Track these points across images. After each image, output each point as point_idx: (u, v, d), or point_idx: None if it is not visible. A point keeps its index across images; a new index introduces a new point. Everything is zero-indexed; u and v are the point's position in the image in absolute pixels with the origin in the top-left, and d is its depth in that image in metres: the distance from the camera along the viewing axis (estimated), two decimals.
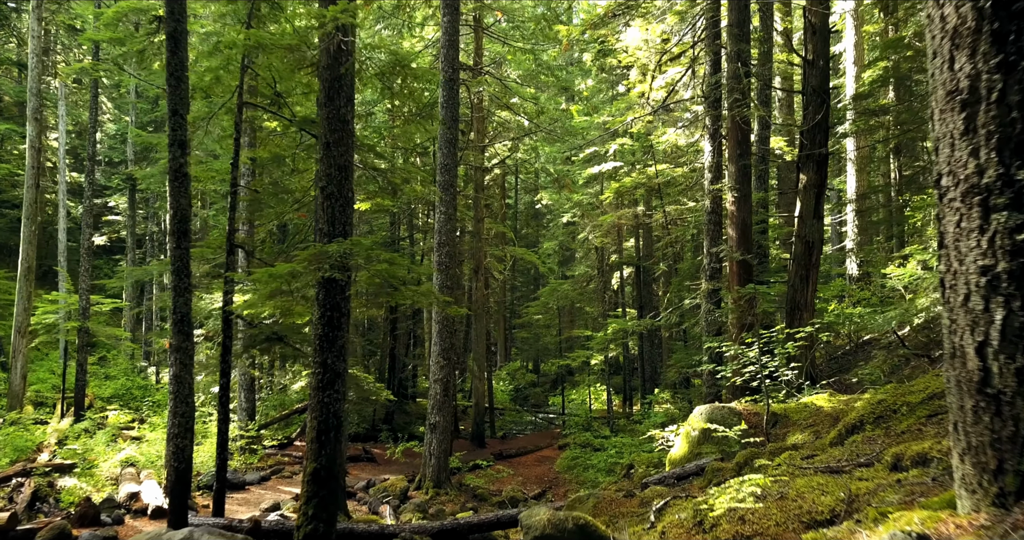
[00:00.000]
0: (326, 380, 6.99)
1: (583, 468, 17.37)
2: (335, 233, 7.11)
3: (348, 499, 13.83)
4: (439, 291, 14.66)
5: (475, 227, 22.25)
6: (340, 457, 6.98)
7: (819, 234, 12.57)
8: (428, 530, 8.27)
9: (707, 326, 13.10)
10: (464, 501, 14.40)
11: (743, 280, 12.84)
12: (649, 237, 27.63)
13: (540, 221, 44.00)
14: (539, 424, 29.12)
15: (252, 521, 8.04)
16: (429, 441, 14.59)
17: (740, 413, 8.64)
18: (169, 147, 8.56)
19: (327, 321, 7.06)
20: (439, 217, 14.90)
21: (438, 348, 14.69)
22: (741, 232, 12.98)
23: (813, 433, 7.59)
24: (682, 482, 7.92)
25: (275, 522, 8.76)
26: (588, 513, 7.20)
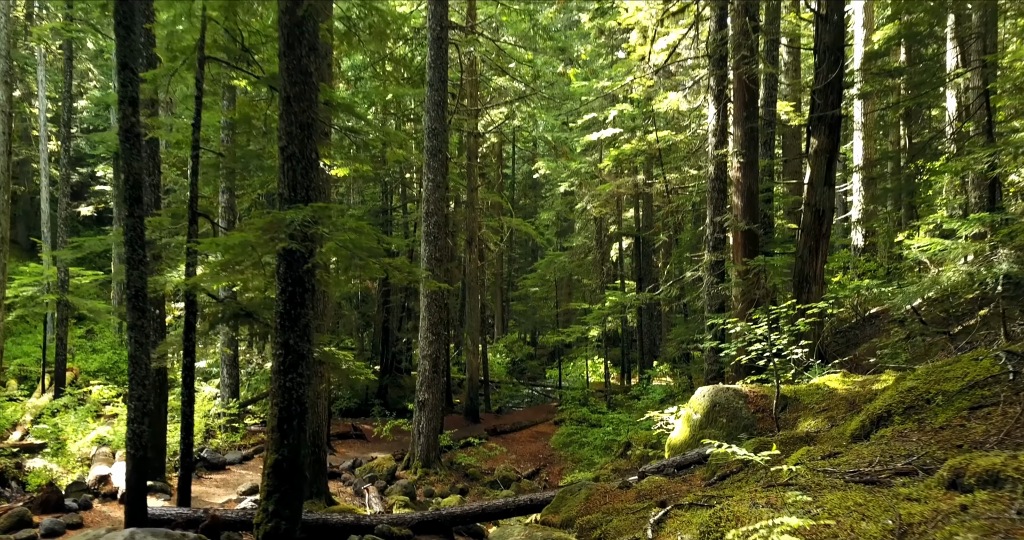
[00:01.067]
0: (288, 362, 6.29)
1: (579, 445, 16.83)
2: (297, 199, 6.35)
3: (333, 480, 13.26)
4: (428, 263, 13.94)
5: (468, 197, 21.44)
6: (304, 446, 6.32)
7: (830, 202, 11.79)
8: (408, 521, 7.64)
9: (709, 300, 12.40)
10: (454, 481, 13.84)
11: (748, 251, 12.10)
12: (649, 207, 26.81)
13: (538, 191, 43.10)
14: (536, 397, 28.62)
15: (211, 517, 7.39)
16: (418, 419, 13.99)
17: (746, 396, 7.97)
18: (119, 105, 7.73)
19: (289, 297, 6.34)
20: (427, 185, 14.10)
21: (427, 322, 14.00)
22: (747, 200, 12.21)
23: (827, 419, 6.92)
24: (683, 471, 7.27)
25: (241, 512, 8.14)
26: (579, 508, 6.56)
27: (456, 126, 19.15)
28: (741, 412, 7.75)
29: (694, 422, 8.14)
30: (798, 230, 12.72)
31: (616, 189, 22.77)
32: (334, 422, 19.83)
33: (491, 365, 31.80)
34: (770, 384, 8.31)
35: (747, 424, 7.66)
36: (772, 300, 12.09)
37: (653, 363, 28.43)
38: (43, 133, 28.25)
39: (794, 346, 8.61)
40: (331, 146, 10.42)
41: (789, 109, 19.50)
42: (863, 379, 7.93)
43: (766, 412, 7.73)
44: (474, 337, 21.58)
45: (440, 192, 14.09)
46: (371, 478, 13.06)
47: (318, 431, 10.91)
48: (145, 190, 12.17)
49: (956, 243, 7.28)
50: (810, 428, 6.85)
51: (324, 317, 10.99)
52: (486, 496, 13.41)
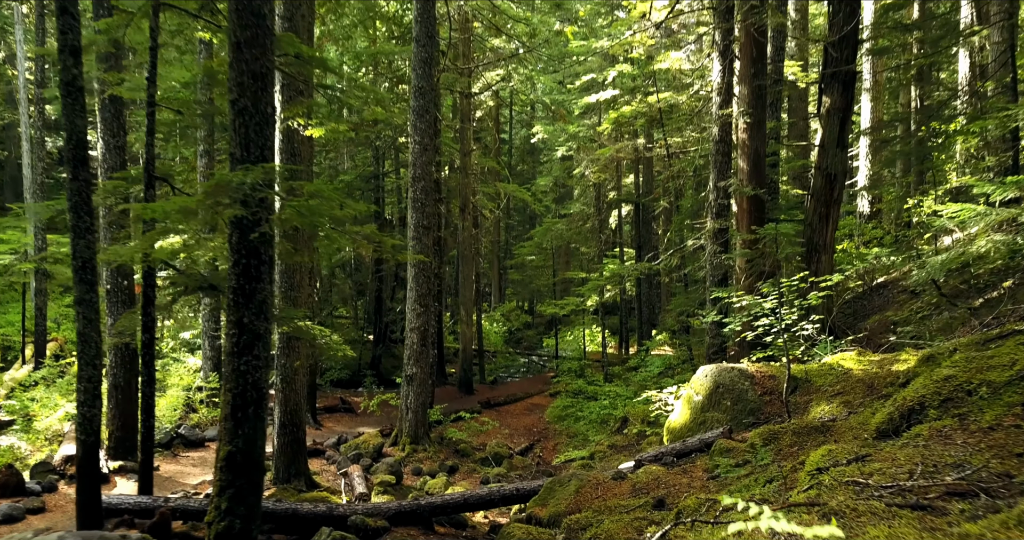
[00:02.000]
0: (243, 343, 5.60)
1: (574, 419, 16.29)
2: (250, 159, 5.60)
3: (317, 457, 12.72)
4: (415, 231, 13.21)
5: (462, 161, 20.59)
6: (262, 437, 5.67)
7: (842, 165, 11.03)
8: (384, 512, 7.04)
9: (712, 270, 11.70)
10: (443, 458, 13.30)
11: (754, 218, 11.36)
12: (650, 172, 25.97)
13: (536, 157, 42.12)
14: (532, 366, 28.11)
15: (160, 514, 6.77)
16: (406, 394, 13.39)
17: (752, 376, 7.31)
18: (59, 55, 6.94)
19: (243, 270, 5.62)
20: (414, 147, 13.28)
21: (415, 294, 13.32)
22: (753, 163, 11.43)
23: (843, 404, 6.26)
24: (683, 460, 6.64)
25: (206, 502, 7.53)
26: (568, 502, 5.94)
27: (446, 85, 18.23)
28: (747, 394, 7.10)
29: (695, 404, 7.50)
30: (807, 196, 11.97)
31: (615, 153, 21.91)
32: (323, 394, 19.30)
33: (487, 334, 31.25)
34: (778, 363, 7.65)
35: (753, 408, 7.02)
36: (776, 271, 11.40)
37: (652, 332, 27.86)
38: (23, 96, 27.25)
39: (804, 322, 7.94)
40: (305, 105, 9.62)
41: (796, 69, 18.57)
42: (880, 358, 7.27)
43: (774, 395, 7.08)
44: (468, 307, 20.94)
45: (428, 155, 13.29)
46: (356, 456, 12.51)
47: (296, 409, 10.31)
48: (111, 152, 11.45)
49: (990, 209, 6.56)
50: (824, 415, 6.20)
51: (301, 289, 10.30)
52: (476, 474, 12.88)
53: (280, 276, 10.26)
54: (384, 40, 22.03)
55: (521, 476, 12.92)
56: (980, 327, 7.75)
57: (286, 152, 10.15)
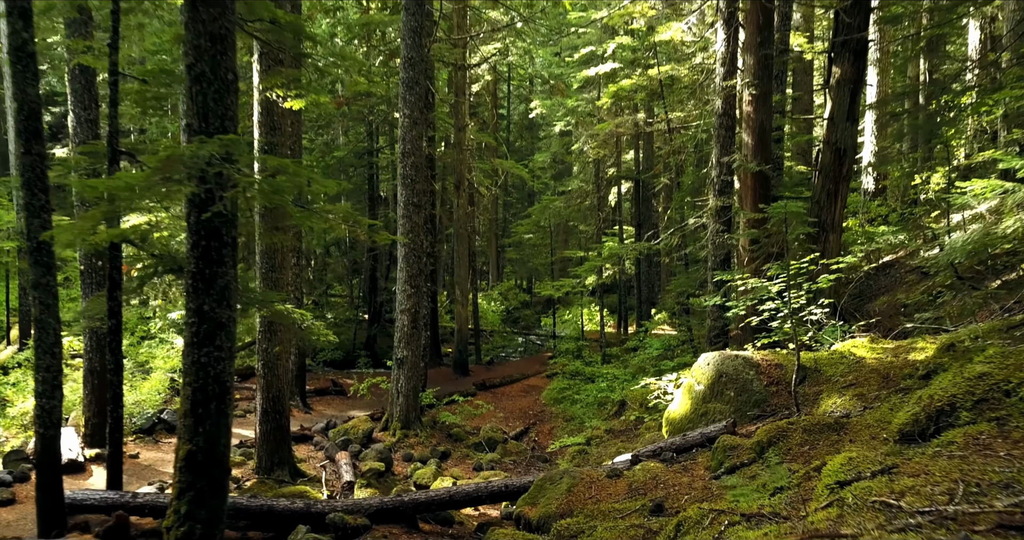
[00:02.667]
0: (203, 333, 5.12)
1: (571, 402, 15.88)
2: (209, 131, 5.08)
3: (304, 443, 12.33)
4: (405, 209, 12.69)
5: (456, 136, 19.98)
6: (226, 434, 5.22)
7: (852, 140, 10.49)
8: (365, 509, 6.62)
9: (714, 250, 11.21)
10: (435, 443, 12.91)
11: (759, 196, 10.84)
12: (650, 148, 25.34)
13: (534, 132, 41.40)
14: (530, 347, 27.73)
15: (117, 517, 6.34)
16: (397, 377, 12.96)
17: (757, 365, 6.85)
18: (7, 17, 6.38)
19: (202, 254, 5.13)
20: (403, 121, 12.71)
21: (405, 274, 12.83)
22: (759, 138, 10.87)
23: (856, 397, 5.80)
24: (683, 456, 6.19)
25: None
26: (559, 502, 5.50)
27: (438, 56, 17.56)
28: (752, 385, 6.64)
29: (696, 394, 7.05)
30: (814, 172, 11.44)
31: (615, 128, 21.27)
32: (315, 376, 18.90)
33: (485, 313, 30.82)
34: (785, 350, 7.19)
35: (758, 399, 6.56)
36: (783, 252, 10.90)
37: (651, 311, 27.42)
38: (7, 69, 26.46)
39: (813, 306, 7.47)
40: (284, 75, 9.05)
41: (802, 40, 17.90)
42: (895, 346, 6.79)
43: (781, 385, 6.62)
44: (463, 287, 20.46)
45: (418, 129, 12.72)
46: (345, 442, 12.11)
47: (279, 396, 9.87)
48: (82, 126, 10.88)
49: (1019, 186, 6.05)
50: (836, 408, 5.74)
51: (284, 270, 9.82)
52: (469, 459, 12.50)
53: (261, 257, 9.77)
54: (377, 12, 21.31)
55: (515, 462, 12.55)
56: (1000, 312, 7.28)
57: (266, 125, 9.61)
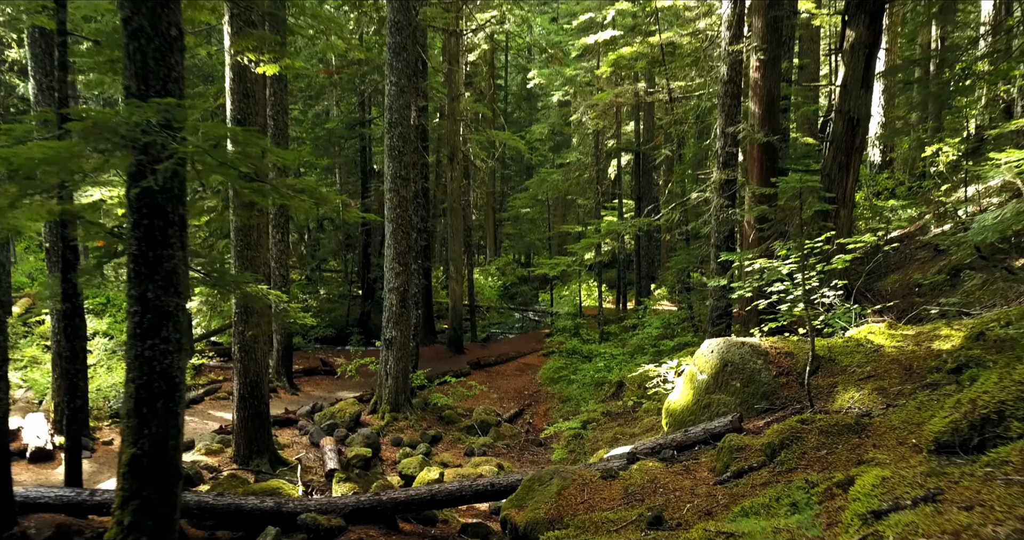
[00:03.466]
0: (148, 323, 4.56)
1: (567, 382, 15.41)
2: (149, 94, 4.46)
3: (288, 427, 11.86)
4: (392, 182, 12.06)
5: (449, 106, 19.24)
6: (178, 435, 4.68)
7: (866, 108, 9.84)
8: (340, 508, 6.12)
9: (717, 226, 10.60)
10: (426, 427, 12.44)
11: (766, 168, 10.22)
12: (651, 119, 24.60)
13: (533, 103, 40.52)
14: (527, 323, 27.24)
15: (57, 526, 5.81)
16: (385, 358, 12.45)
17: (765, 353, 6.30)
18: None
19: (145, 234, 4.54)
20: (390, 89, 12.02)
21: (392, 251, 12.24)
22: (767, 106, 10.22)
23: (877, 390, 5.26)
24: (685, 454, 5.67)
25: None
26: (548, 506, 4.98)
27: (429, 21, 16.77)
28: (760, 375, 6.10)
29: (699, 384, 6.51)
30: (824, 143, 10.80)
31: (614, 98, 20.52)
32: (304, 355, 18.42)
33: (482, 289, 30.30)
34: (796, 337, 6.64)
35: (767, 391, 6.02)
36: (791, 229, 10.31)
37: (651, 287, 26.89)
38: None
39: (825, 288, 6.91)
40: (255, 38, 8.37)
41: (810, 4, 17.11)
42: (916, 332, 6.24)
43: (791, 375, 6.08)
44: (457, 263, 19.88)
45: (406, 98, 12.03)
46: (331, 426, 11.63)
47: (256, 381, 9.35)
48: (43, 93, 10.21)
49: None
50: (854, 404, 5.20)
51: (259, 248, 9.23)
52: (461, 444, 12.04)
53: (235, 234, 9.18)
54: None
55: (508, 446, 12.10)
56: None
57: (238, 93, 8.95)
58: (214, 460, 9.35)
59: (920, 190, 19.28)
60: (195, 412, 12.32)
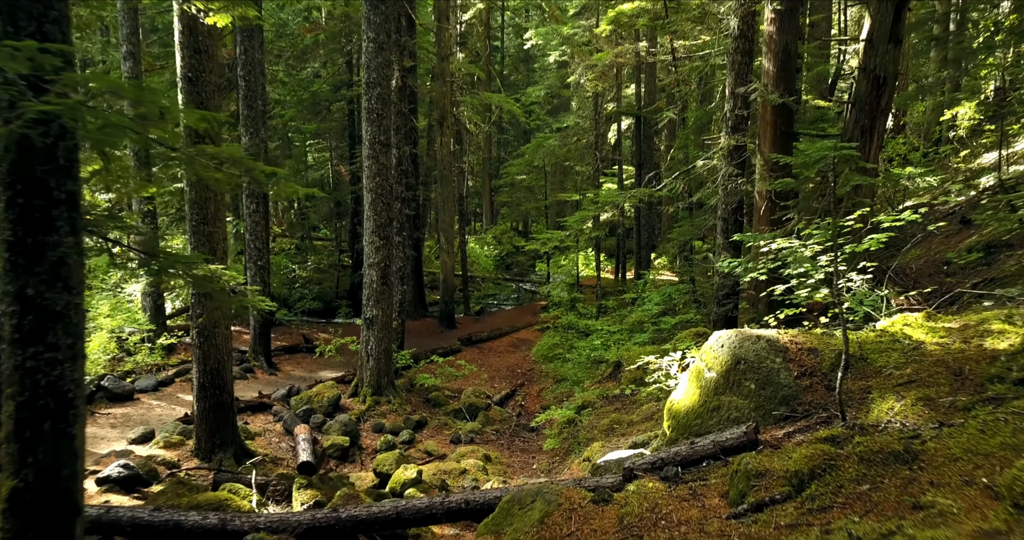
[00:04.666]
0: (28, 327, 3.67)
1: (562, 360, 14.62)
2: (19, 37, 3.51)
3: (262, 412, 11.08)
4: (371, 147, 11.07)
5: (439, 67, 18.10)
6: (71, 462, 3.84)
7: (894, 66, 8.82)
8: (292, 526, 5.33)
9: (725, 197, 9.67)
10: (410, 411, 11.66)
11: (780, 133, 9.24)
12: (652, 82, 23.43)
13: (530, 66, 39.13)
14: (523, 295, 26.39)
15: None
16: (366, 339, 11.61)
17: (784, 349, 5.43)
18: None
19: (21, 216, 3.63)
20: (367, 47, 10.96)
21: (372, 224, 11.32)
22: (782, 63, 9.19)
23: (922, 402, 4.39)
24: (690, 471, 4.83)
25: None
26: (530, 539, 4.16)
27: None
28: (778, 375, 5.24)
29: (707, 383, 5.66)
30: (846, 105, 9.80)
31: (614, 59, 19.33)
32: (287, 330, 17.61)
33: (477, 258, 29.40)
34: (819, 330, 5.76)
35: (787, 395, 5.17)
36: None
37: (651, 256, 26.00)
38: None
39: (853, 271, 6.01)
40: None
41: None
42: (961, 325, 5.36)
43: (816, 377, 5.22)
44: (448, 234, 18.94)
45: (384, 56, 10.98)
46: (307, 412, 10.84)
47: (218, 368, 8.52)
48: None
49: None
50: (895, 418, 4.34)
51: (217, 222, 8.30)
52: (447, 429, 11.28)
53: (190, 207, 8.26)
54: None
55: (498, 432, 11.33)
56: None
57: (188, 47, 7.94)
58: (173, 454, 8.56)
59: (937, 156, 18.27)
60: (164, 396, 11.52)
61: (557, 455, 9.92)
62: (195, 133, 8.11)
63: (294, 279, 23.43)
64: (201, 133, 8.14)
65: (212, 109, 8.15)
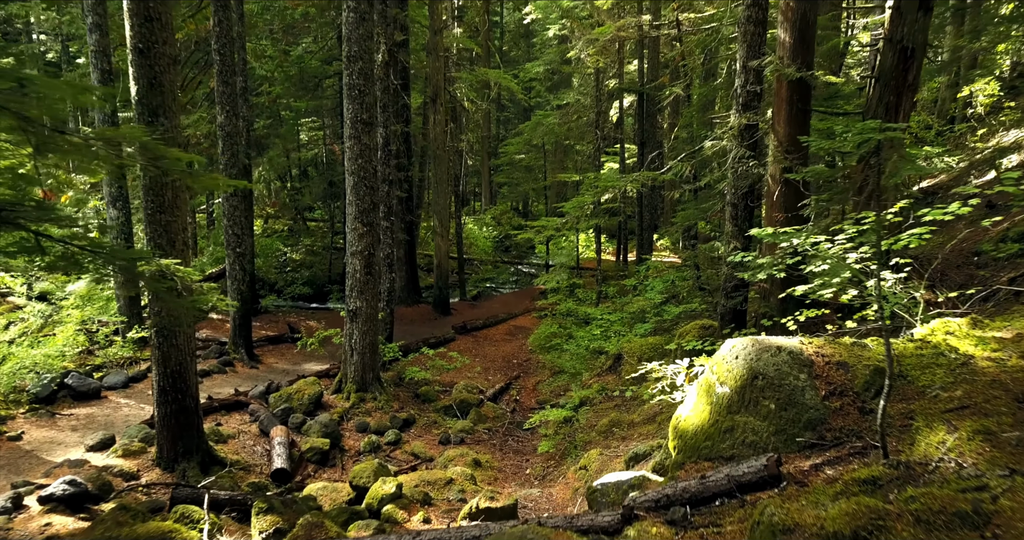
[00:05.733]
0: None
1: (560, 350, 13.90)
2: None
3: (237, 412, 10.38)
4: (352, 126, 10.26)
5: (431, 41, 17.17)
6: None
7: (923, 36, 7.98)
8: None
9: (735, 180, 8.86)
10: (397, 408, 10.98)
11: (797, 111, 8.42)
12: (656, 58, 22.48)
13: (530, 41, 37.99)
14: (521, 278, 25.67)
15: None
16: (350, 332, 10.89)
17: (809, 363, 4.68)
18: None
19: None
20: (347, 17, 10.11)
21: (354, 209, 10.55)
22: (800, 34, 8.34)
23: (979, 433, 3.64)
24: (698, 511, 4.11)
25: None
26: None
27: None
28: (803, 395, 4.51)
29: (719, 399, 4.92)
30: (869, 80, 8.97)
31: (616, 32, 18.39)
32: (273, 318, 16.89)
33: (476, 239, 28.63)
34: (849, 339, 5.00)
35: (814, 419, 4.43)
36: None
37: (653, 236, 25.21)
38: None
39: (886, 269, 5.27)
40: None
41: None
42: (1014, 335, 4.61)
43: (847, 397, 4.47)
44: (442, 217, 18.14)
45: (367, 27, 10.13)
46: (286, 411, 10.16)
47: (180, 370, 7.79)
48: None
49: None
50: (946, 454, 3.60)
51: (176, 211, 7.53)
52: (436, 428, 10.61)
53: (145, 193, 7.48)
54: None
55: (491, 431, 10.65)
56: None
57: (138, 14, 7.10)
58: (132, 464, 7.87)
59: (951, 134, 17.41)
60: (134, 393, 10.83)
61: (552, 458, 9.24)
62: (149, 111, 7.34)
63: (285, 262, 22.69)
64: (156, 111, 7.36)
65: (167, 84, 7.34)
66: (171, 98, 7.43)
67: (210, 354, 12.90)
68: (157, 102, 7.32)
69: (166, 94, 7.36)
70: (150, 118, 7.29)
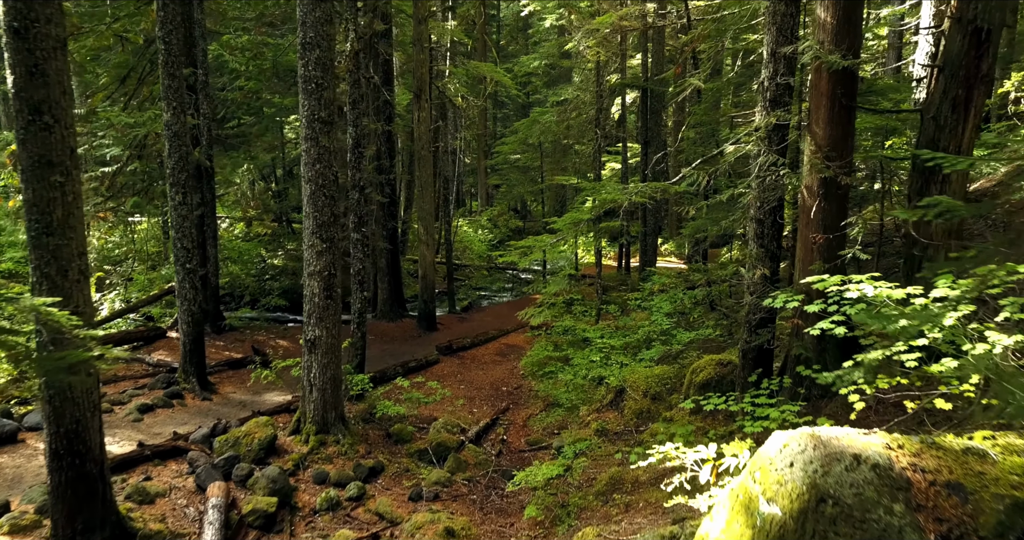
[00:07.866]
0: None
1: (555, 379, 12.38)
2: None
3: (175, 459, 8.87)
4: (309, 126, 8.74)
5: (415, 31, 15.63)
6: None
7: (1001, 16, 6.45)
8: None
9: (762, 192, 7.34)
10: (364, 452, 9.48)
11: (840, 108, 6.88)
12: (661, 50, 20.90)
13: (528, 33, 36.46)
14: (517, 286, 24.12)
15: None
16: (308, 365, 9.38)
17: (904, 483, 3.15)
18: None
19: None
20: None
21: (312, 222, 9.02)
22: (844, 12, 6.80)
23: None
24: None
25: None
26: None
27: None
28: (898, 537, 2.97)
29: (767, 525, 3.40)
30: (930, 69, 7.44)
31: (618, 22, 16.84)
32: (240, 336, 15.37)
33: (471, 243, 27.16)
34: (956, 438, 3.47)
35: None
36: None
37: (657, 241, 23.69)
38: None
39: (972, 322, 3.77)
40: None
41: None
42: None
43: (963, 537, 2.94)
44: (427, 223, 16.60)
45: (324, 9, 8.59)
46: (230, 459, 8.64)
47: (77, 429, 6.30)
48: None
49: None
50: None
51: (73, 233, 6.01)
52: (407, 477, 9.11)
53: (28, 210, 5.97)
54: None
55: (471, 483, 9.13)
56: None
57: None
58: None
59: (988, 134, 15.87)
60: None
61: (540, 525, 7.73)
62: (30, 107, 5.83)
63: (264, 269, 21.17)
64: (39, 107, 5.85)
65: (53, 74, 5.83)
66: (59, 91, 5.91)
67: (157, 384, 11.40)
68: (41, 96, 5.81)
69: (52, 86, 5.85)
70: (31, 116, 5.79)
